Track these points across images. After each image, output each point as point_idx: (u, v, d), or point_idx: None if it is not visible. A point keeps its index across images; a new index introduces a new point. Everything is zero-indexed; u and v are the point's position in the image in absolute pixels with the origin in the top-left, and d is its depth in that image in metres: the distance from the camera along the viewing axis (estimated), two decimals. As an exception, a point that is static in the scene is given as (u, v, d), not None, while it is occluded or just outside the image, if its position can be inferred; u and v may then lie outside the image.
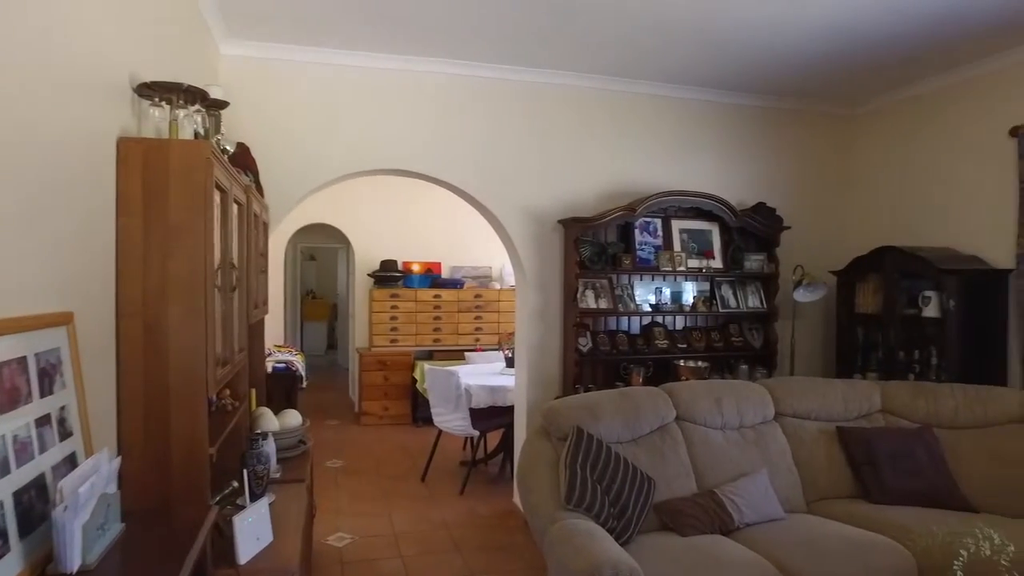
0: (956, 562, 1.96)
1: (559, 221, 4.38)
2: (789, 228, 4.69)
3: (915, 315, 4.15)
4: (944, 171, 4.46)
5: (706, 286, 4.71)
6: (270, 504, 2.32)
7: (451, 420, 5.13)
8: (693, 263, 4.54)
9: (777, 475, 3.27)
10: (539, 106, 4.39)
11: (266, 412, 3.12)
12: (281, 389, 5.37)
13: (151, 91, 2.01)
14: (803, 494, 3.33)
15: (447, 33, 3.70)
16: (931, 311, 4.05)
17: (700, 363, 4.43)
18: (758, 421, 3.50)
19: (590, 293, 4.36)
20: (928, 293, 4.07)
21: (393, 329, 7.35)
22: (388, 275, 7.41)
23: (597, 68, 4.30)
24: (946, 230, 4.39)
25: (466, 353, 6.71)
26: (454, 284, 7.59)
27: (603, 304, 4.35)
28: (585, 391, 4.11)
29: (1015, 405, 3.49)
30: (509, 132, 4.33)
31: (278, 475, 2.78)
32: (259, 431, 2.76)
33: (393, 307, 7.35)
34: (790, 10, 3.38)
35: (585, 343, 4.32)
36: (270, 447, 2.71)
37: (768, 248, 4.70)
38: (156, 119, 2.03)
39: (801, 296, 4.64)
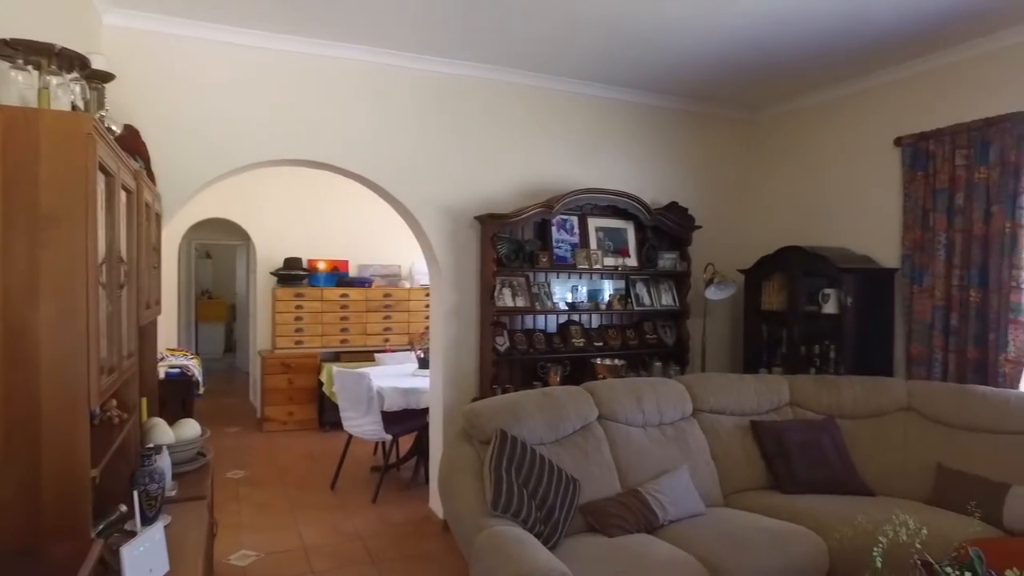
0: (875, 549, 2.01)
1: (476, 217, 4.27)
2: (700, 227, 4.81)
3: (815, 311, 4.34)
4: (838, 176, 4.70)
5: (621, 284, 4.74)
6: (165, 527, 2.07)
7: (362, 424, 4.91)
8: (609, 261, 4.56)
9: (697, 470, 3.32)
10: (455, 99, 4.26)
11: (159, 423, 2.82)
12: (176, 397, 4.95)
13: (14, 51, 1.71)
14: (721, 488, 3.40)
15: (360, 17, 3.51)
16: (830, 308, 4.24)
17: (616, 361, 4.44)
18: (677, 418, 3.54)
19: (507, 291, 4.28)
20: (827, 291, 4.27)
21: (298, 330, 6.99)
22: (292, 273, 7.04)
23: (513, 62, 4.23)
24: (841, 231, 4.63)
25: (376, 354, 6.48)
26: (362, 283, 7.32)
27: (520, 302, 4.29)
28: (503, 391, 4.03)
29: (902, 394, 3.71)
30: (425, 124, 4.17)
31: (174, 493, 2.52)
32: (152, 445, 2.48)
33: (298, 307, 6.99)
34: (697, 14, 3.44)
35: (502, 342, 4.24)
36: (165, 462, 2.44)
37: (680, 247, 4.79)
38: (20, 85, 1.73)
39: (712, 294, 4.76)
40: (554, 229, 4.45)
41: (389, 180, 4.08)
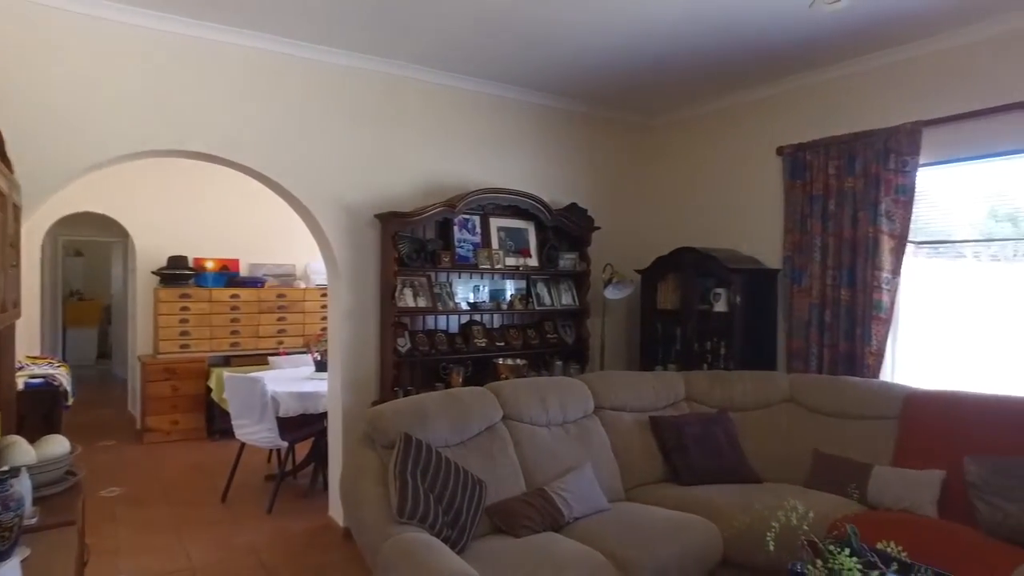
0: (769, 533, 2.13)
1: (376, 216, 4.17)
2: (599, 228, 4.93)
3: (707, 310, 4.56)
4: (728, 182, 4.96)
5: (523, 284, 4.78)
6: (23, 561, 1.85)
7: (256, 432, 4.67)
8: (511, 261, 4.58)
9: (600, 467, 3.39)
10: (356, 93, 4.14)
11: (17, 442, 2.52)
12: (38, 410, 4.49)
13: None
14: (623, 482, 3.49)
15: (254, 1, 3.33)
16: (721, 306, 4.47)
17: (518, 361, 4.47)
18: (580, 416, 3.61)
19: (408, 291, 4.21)
20: (718, 290, 4.49)
21: (183, 333, 6.55)
22: (177, 273, 6.59)
23: (417, 58, 4.16)
24: (731, 233, 4.89)
25: (270, 357, 6.18)
26: (254, 283, 6.97)
27: (422, 302, 4.23)
28: (405, 394, 3.95)
29: (784, 386, 3.97)
30: (323, 118, 4.02)
31: (35, 520, 2.25)
32: (7, 468, 2.21)
33: (183, 309, 6.55)
34: (597, 19, 3.52)
35: (404, 343, 4.16)
36: (24, 486, 2.18)
37: (580, 247, 4.89)
38: None
39: (611, 293, 4.89)
40: (456, 229, 4.42)
41: (285, 175, 3.90)
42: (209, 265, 6.89)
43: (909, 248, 3.91)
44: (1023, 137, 3.50)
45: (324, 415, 4.63)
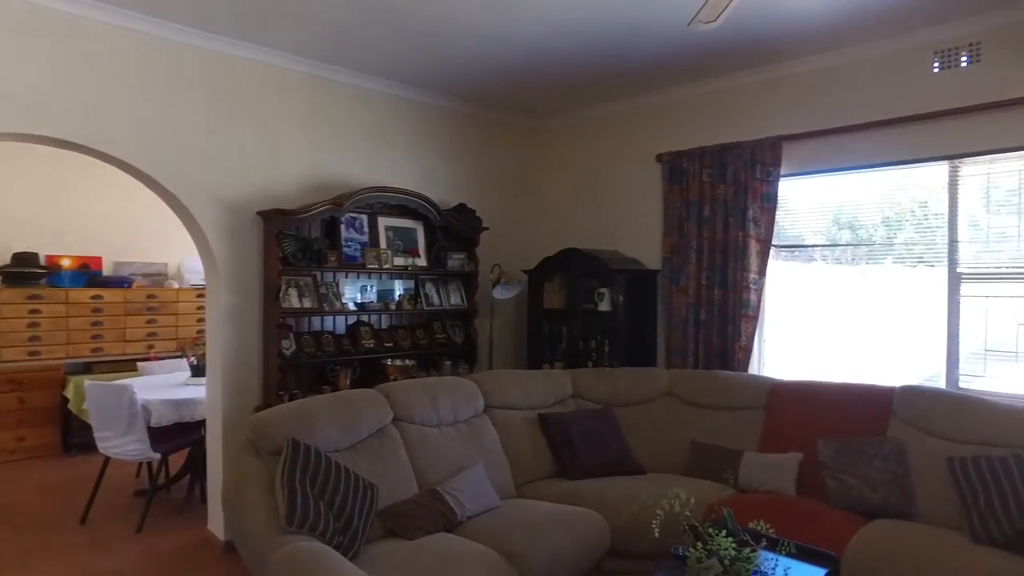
0: (654, 521, 2.26)
1: (259, 213, 3.98)
2: (488, 229, 4.98)
3: (592, 309, 4.73)
4: (611, 185, 5.18)
5: (411, 284, 4.74)
6: None
7: (123, 444, 4.32)
8: (399, 261, 4.53)
9: (491, 465, 3.43)
10: (238, 82, 3.93)
11: None
12: None
13: None
14: (513, 480, 3.56)
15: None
16: (604, 305, 4.65)
17: (407, 361, 4.44)
18: (471, 415, 3.63)
19: (293, 292, 4.06)
20: (602, 290, 4.67)
21: (33, 339, 5.92)
22: (25, 271, 5.94)
23: (303, 50, 4.02)
24: (614, 235, 5.10)
25: (139, 363, 5.73)
26: (120, 283, 6.42)
27: (308, 303, 4.09)
28: (290, 398, 3.82)
29: (664, 381, 4.20)
30: (201, 108, 3.78)
31: None
32: None
33: (33, 311, 5.92)
34: (485, 20, 3.56)
35: (288, 345, 4.01)
36: None
37: (469, 247, 4.92)
38: None
39: (499, 293, 4.95)
40: (343, 227, 4.31)
41: (157, 167, 3.63)
42: (66, 263, 6.28)
43: (772, 251, 4.25)
44: (866, 155, 3.92)
45: (202, 423, 4.36)
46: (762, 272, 4.22)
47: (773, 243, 4.24)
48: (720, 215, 4.38)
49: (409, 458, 3.19)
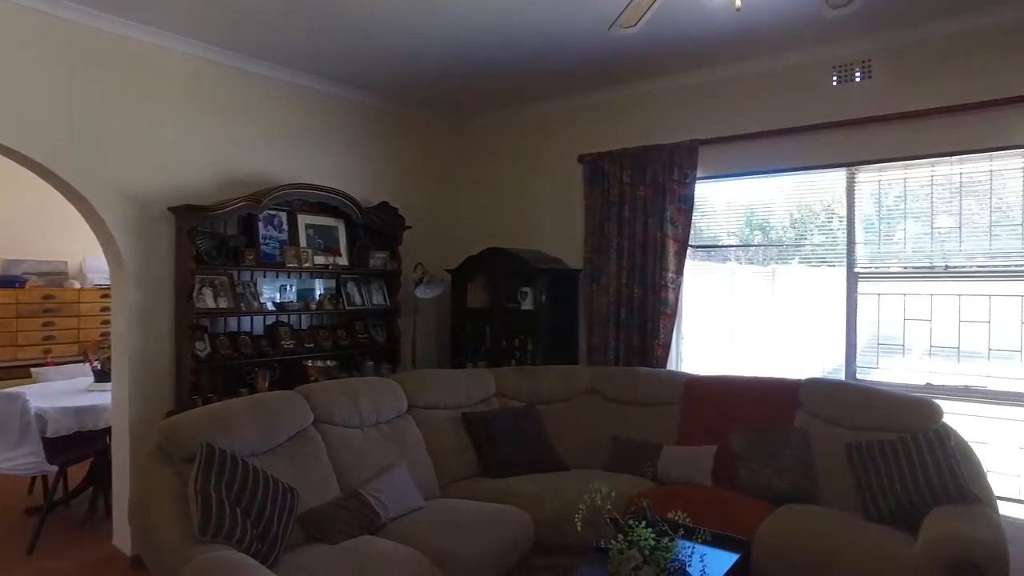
0: (576, 515, 2.31)
1: (170, 208, 3.79)
2: (411, 227, 4.93)
3: (515, 308, 4.77)
4: (535, 185, 5.24)
5: (332, 283, 4.64)
6: None
7: (13, 458, 3.99)
8: (320, 260, 4.43)
9: (415, 465, 3.41)
10: (141, 68, 3.72)
11: None
12: None
13: None
14: (437, 479, 3.55)
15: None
16: (527, 304, 4.70)
17: (329, 362, 4.34)
18: (394, 416, 3.60)
19: (208, 291, 3.89)
20: (525, 289, 4.72)
21: (-91, 344, 5.43)
22: None
23: (220, 40, 3.86)
24: (537, 235, 5.16)
25: (33, 369, 5.33)
26: (12, 282, 5.95)
27: (224, 303, 3.93)
28: (205, 402, 3.66)
29: (586, 379, 4.29)
30: (106, 96, 3.56)
31: None
32: None
33: (-92, 314, 5.43)
34: (409, 19, 3.54)
35: (203, 347, 3.84)
36: None
37: (391, 246, 4.86)
38: None
39: (422, 293, 4.92)
40: (261, 225, 4.17)
41: (54, 158, 3.39)
42: (-55, 261, 5.79)
43: (689, 251, 4.41)
44: (774, 160, 4.13)
45: (106, 431, 4.11)
46: (679, 271, 4.37)
47: (690, 243, 4.40)
48: (639, 216, 4.51)
49: (331, 460, 3.12)
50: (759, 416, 3.61)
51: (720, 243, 4.55)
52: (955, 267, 3.73)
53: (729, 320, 4.54)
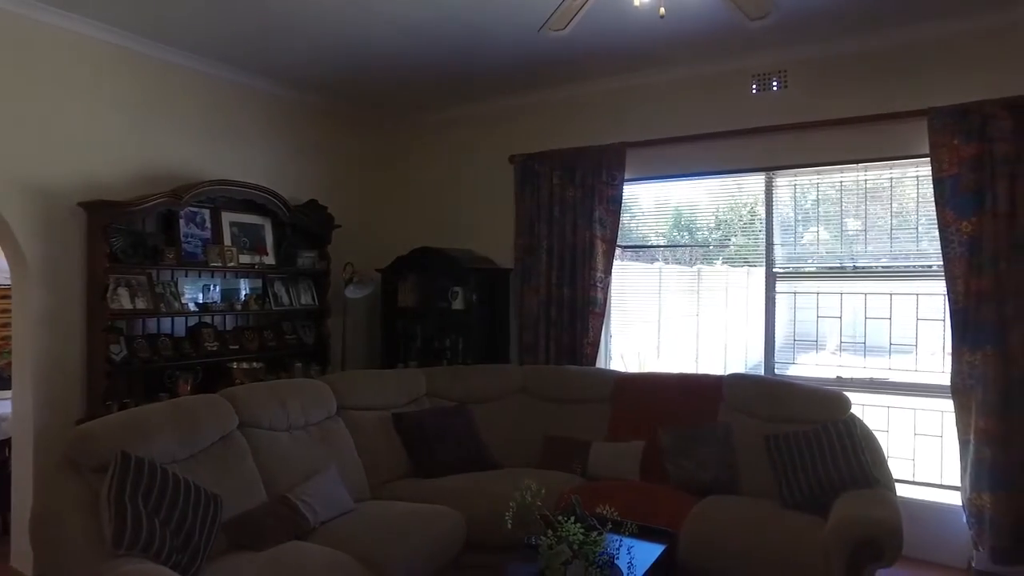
0: (507, 513, 2.33)
1: (81, 204, 3.59)
2: (340, 226, 4.85)
3: (446, 308, 4.76)
4: (466, 185, 5.24)
5: (259, 283, 4.51)
6: None
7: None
8: (245, 259, 4.29)
9: (345, 468, 3.36)
10: (52, 56, 3.51)
11: None
12: None
13: None
14: (368, 481, 3.50)
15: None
16: (458, 304, 4.70)
17: (255, 364, 4.22)
18: (323, 418, 3.53)
19: (124, 291, 3.71)
20: (456, 288, 4.72)
21: None
22: None
23: (140, 28, 3.69)
24: (468, 235, 5.16)
25: (-78, 377, 4.94)
26: None
27: (141, 304, 3.75)
28: (120, 407, 3.48)
29: (518, 378, 4.33)
30: (5, 81, 3.34)
31: None
32: None
33: None
34: (341, 12, 3.48)
35: (118, 350, 3.66)
36: None
37: (320, 245, 4.77)
38: None
39: (351, 293, 4.85)
40: (183, 222, 4.00)
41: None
42: None
43: (617, 251, 4.52)
44: (701, 163, 4.28)
45: (6, 443, 3.85)
46: (608, 271, 4.47)
47: (618, 243, 4.50)
48: (569, 216, 4.58)
49: (257, 465, 3.03)
50: (685, 411, 3.73)
51: (648, 244, 4.68)
52: (862, 267, 3.97)
53: (657, 319, 4.67)
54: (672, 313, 4.62)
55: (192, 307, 4.07)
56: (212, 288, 4.24)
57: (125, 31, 3.74)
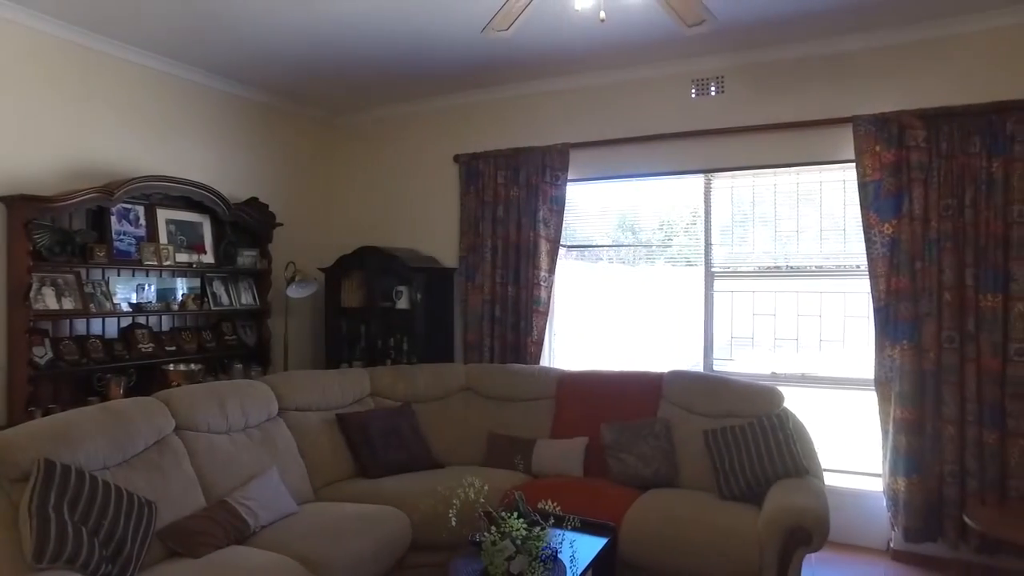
0: (450, 511, 2.34)
1: (2, 199, 3.42)
2: (281, 225, 4.76)
3: (390, 307, 4.73)
4: (411, 183, 5.21)
5: (197, 282, 4.38)
6: None
7: None
8: (182, 258, 4.18)
9: (287, 470, 3.30)
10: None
11: None
12: None
13: None
14: (311, 483, 3.45)
15: None
16: (403, 303, 4.68)
17: (193, 366, 4.10)
18: (263, 419, 3.46)
19: (50, 291, 3.56)
20: (400, 288, 4.70)
21: None
22: None
23: (68, 15, 3.53)
24: (413, 234, 5.14)
25: None
26: None
27: (69, 304, 3.60)
28: (44, 413, 3.33)
29: (462, 376, 4.34)
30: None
31: None
32: None
33: None
34: (282, 5, 3.42)
35: (43, 353, 3.50)
36: None
37: (261, 244, 4.68)
38: None
39: (293, 292, 4.76)
40: (115, 219, 3.86)
41: None
42: None
43: (561, 251, 4.58)
44: (642, 164, 4.38)
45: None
46: (551, 270, 4.52)
47: (562, 243, 4.56)
48: (513, 216, 4.61)
49: (195, 469, 2.95)
50: (626, 408, 3.81)
51: (593, 243, 4.76)
52: (795, 267, 4.14)
53: (600, 317, 4.75)
54: (615, 312, 4.71)
55: (125, 307, 3.92)
56: (147, 288, 4.10)
57: (55, 19, 3.58)
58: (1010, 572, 3.37)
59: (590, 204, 4.75)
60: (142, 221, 4.02)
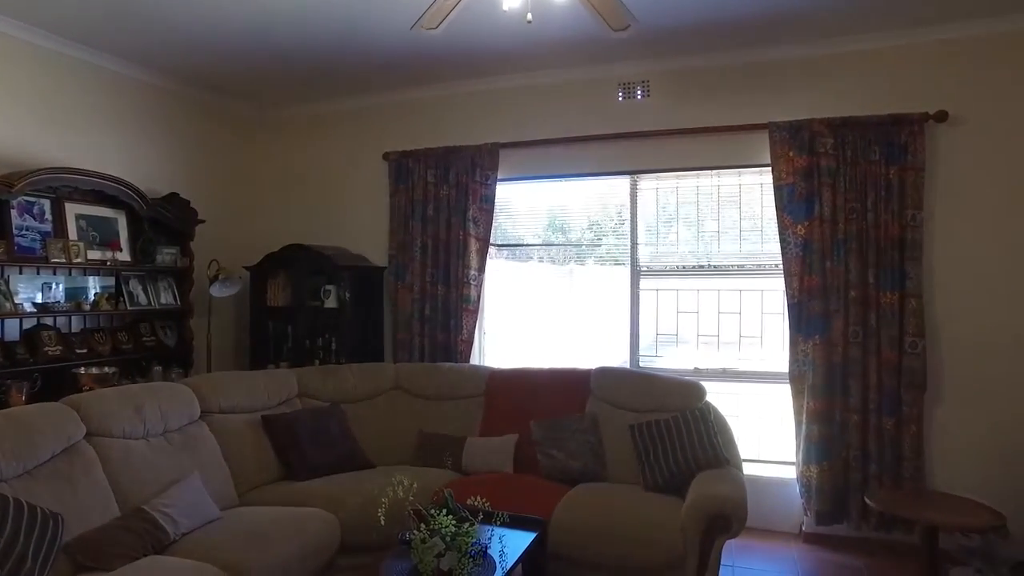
0: (380, 509, 2.32)
1: None
2: (204, 222, 4.59)
3: (318, 306, 4.64)
4: (340, 181, 5.13)
5: (111, 281, 4.17)
6: None
7: None
8: (95, 255, 3.97)
9: (209, 475, 3.19)
10: None
11: None
12: None
13: None
14: (235, 487, 3.35)
15: None
16: (331, 302, 4.60)
17: (107, 369, 3.90)
18: (184, 423, 3.33)
19: (-57, 292, 3.32)
20: (328, 287, 4.62)
21: None
22: None
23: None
24: (342, 232, 5.05)
25: None
26: None
27: (-35, 305, 3.37)
28: (-62, 422, 3.11)
29: (391, 375, 4.31)
30: None
31: None
32: None
33: None
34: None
35: (-64, 358, 3.27)
36: None
37: (182, 241, 4.50)
38: None
39: (217, 291, 4.61)
40: (15, 213, 3.63)
41: None
42: None
43: (491, 250, 4.60)
44: (571, 165, 4.46)
45: None
46: (481, 269, 4.54)
47: (492, 242, 4.59)
48: (443, 214, 4.61)
49: (108, 477, 2.81)
50: (555, 404, 3.87)
51: (523, 243, 4.80)
52: (717, 266, 4.30)
53: (530, 316, 4.81)
54: (545, 310, 4.77)
55: (28, 307, 3.69)
56: (54, 286, 3.87)
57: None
58: (902, 544, 3.67)
59: (521, 203, 4.79)
60: (48, 216, 3.80)
